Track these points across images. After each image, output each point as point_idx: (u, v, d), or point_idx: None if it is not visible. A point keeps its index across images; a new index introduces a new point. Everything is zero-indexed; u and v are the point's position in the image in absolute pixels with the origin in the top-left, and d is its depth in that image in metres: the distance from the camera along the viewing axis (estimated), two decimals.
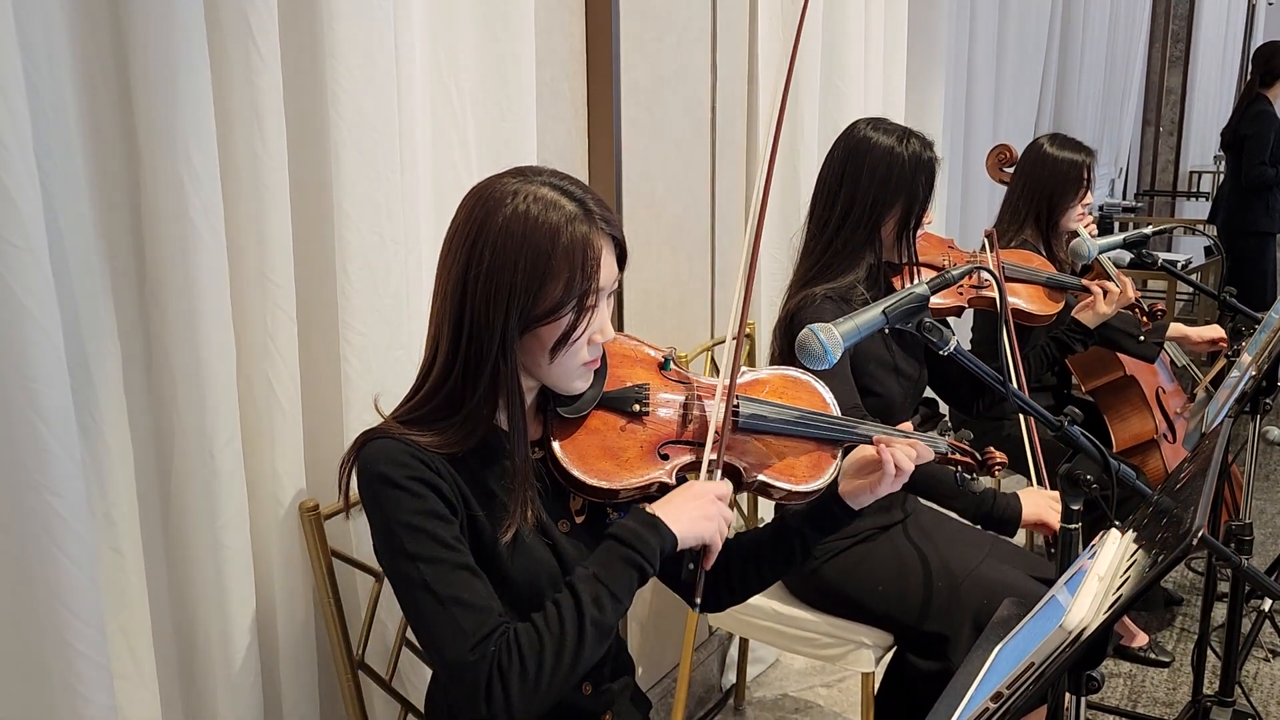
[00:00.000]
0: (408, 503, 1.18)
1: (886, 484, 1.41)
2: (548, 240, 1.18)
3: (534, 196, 1.19)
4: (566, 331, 1.21)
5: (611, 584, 1.20)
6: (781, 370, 1.50)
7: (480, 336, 1.20)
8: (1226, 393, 1.95)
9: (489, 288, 1.18)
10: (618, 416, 1.34)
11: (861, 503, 1.44)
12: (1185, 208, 8.12)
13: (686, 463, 1.35)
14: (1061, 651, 0.94)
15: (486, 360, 1.20)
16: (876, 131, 2.00)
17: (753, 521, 2.48)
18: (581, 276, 1.19)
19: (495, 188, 1.22)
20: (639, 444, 1.33)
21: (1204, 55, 8.08)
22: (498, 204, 1.19)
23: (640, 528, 1.22)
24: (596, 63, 2.08)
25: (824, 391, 1.49)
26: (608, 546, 1.23)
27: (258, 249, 1.39)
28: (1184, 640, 2.89)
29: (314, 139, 1.46)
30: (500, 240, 1.18)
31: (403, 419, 1.24)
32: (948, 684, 1.16)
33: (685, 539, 1.24)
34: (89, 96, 1.25)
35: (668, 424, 1.36)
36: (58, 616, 1.17)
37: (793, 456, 1.42)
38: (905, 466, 1.41)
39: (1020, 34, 4.48)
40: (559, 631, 1.17)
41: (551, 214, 1.19)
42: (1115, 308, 2.40)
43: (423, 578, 1.16)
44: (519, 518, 1.24)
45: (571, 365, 1.26)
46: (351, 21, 1.43)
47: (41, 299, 1.12)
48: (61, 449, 1.15)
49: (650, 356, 1.41)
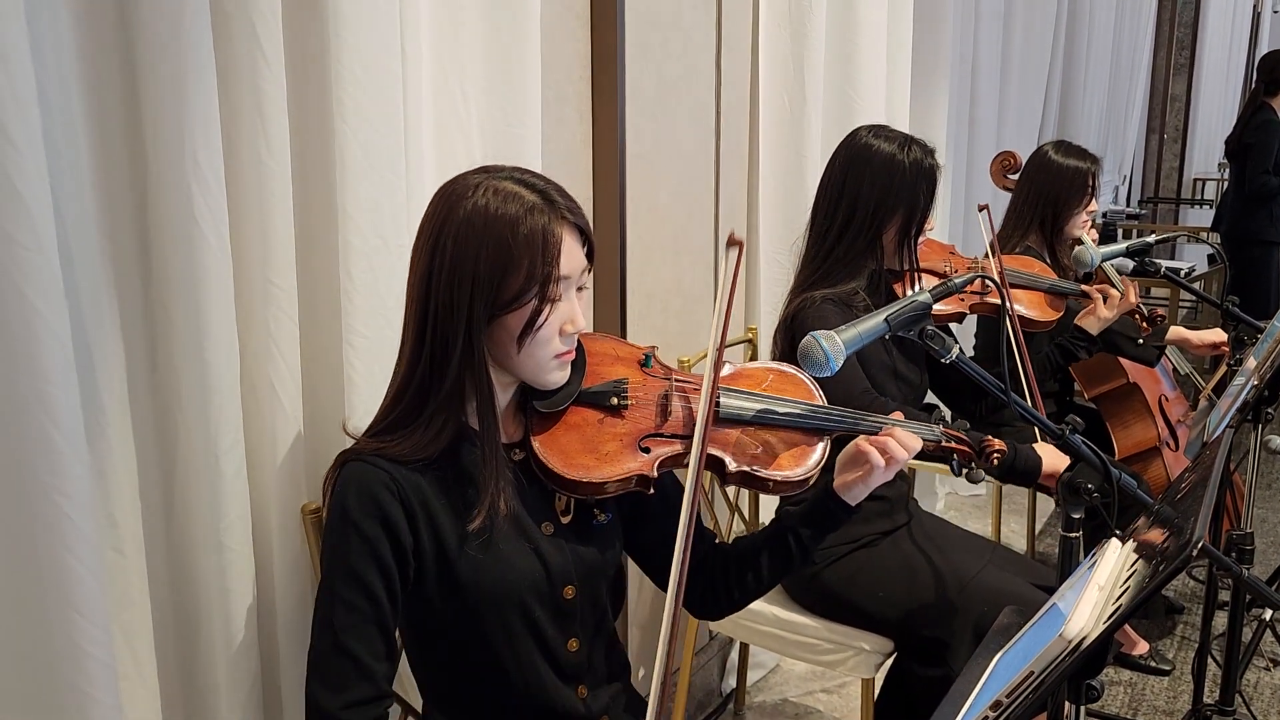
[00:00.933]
0: (356, 545, 1.22)
1: (878, 475, 1.40)
2: (508, 229, 1.20)
3: (495, 189, 1.22)
4: (531, 318, 1.23)
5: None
6: (769, 364, 1.50)
7: (445, 327, 1.22)
8: (1229, 402, 1.95)
9: (452, 278, 1.21)
10: (596, 411, 1.34)
11: (856, 496, 1.42)
12: (1189, 215, 8.11)
13: (668, 455, 1.35)
14: (1061, 660, 0.95)
15: (453, 350, 1.22)
16: (878, 139, 2.01)
17: (754, 524, 2.48)
18: (542, 263, 1.21)
19: (459, 183, 1.25)
20: (619, 438, 1.33)
21: (1209, 62, 8.08)
22: (460, 198, 1.22)
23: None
24: (601, 68, 2.09)
25: (810, 383, 1.48)
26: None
27: (261, 252, 1.40)
28: (1185, 649, 2.89)
29: (318, 143, 1.46)
30: (462, 232, 1.21)
31: (377, 430, 1.27)
32: (947, 691, 1.16)
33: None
34: (95, 99, 1.25)
35: (648, 417, 1.36)
36: (66, 618, 1.18)
37: (776, 446, 1.41)
38: (898, 455, 1.39)
39: (1025, 40, 4.48)
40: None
41: (511, 205, 1.21)
42: (1117, 312, 2.41)
43: (333, 619, 1.22)
44: (488, 506, 1.24)
45: (543, 356, 1.26)
46: (357, 26, 1.43)
47: (52, 301, 1.13)
48: (71, 451, 1.16)
49: (631, 354, 1.41)
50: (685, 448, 1.34)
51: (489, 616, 1.28)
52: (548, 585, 1.30)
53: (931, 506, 3.70)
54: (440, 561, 1.26)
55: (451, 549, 1.25)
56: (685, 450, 1.34)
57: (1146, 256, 2.55)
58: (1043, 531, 3.67)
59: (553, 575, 1.31)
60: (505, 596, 1.28)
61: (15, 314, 1.10)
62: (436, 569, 1.26)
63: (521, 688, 1.33)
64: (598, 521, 1.37)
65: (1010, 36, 4.27)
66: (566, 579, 1.32)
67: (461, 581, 1.26)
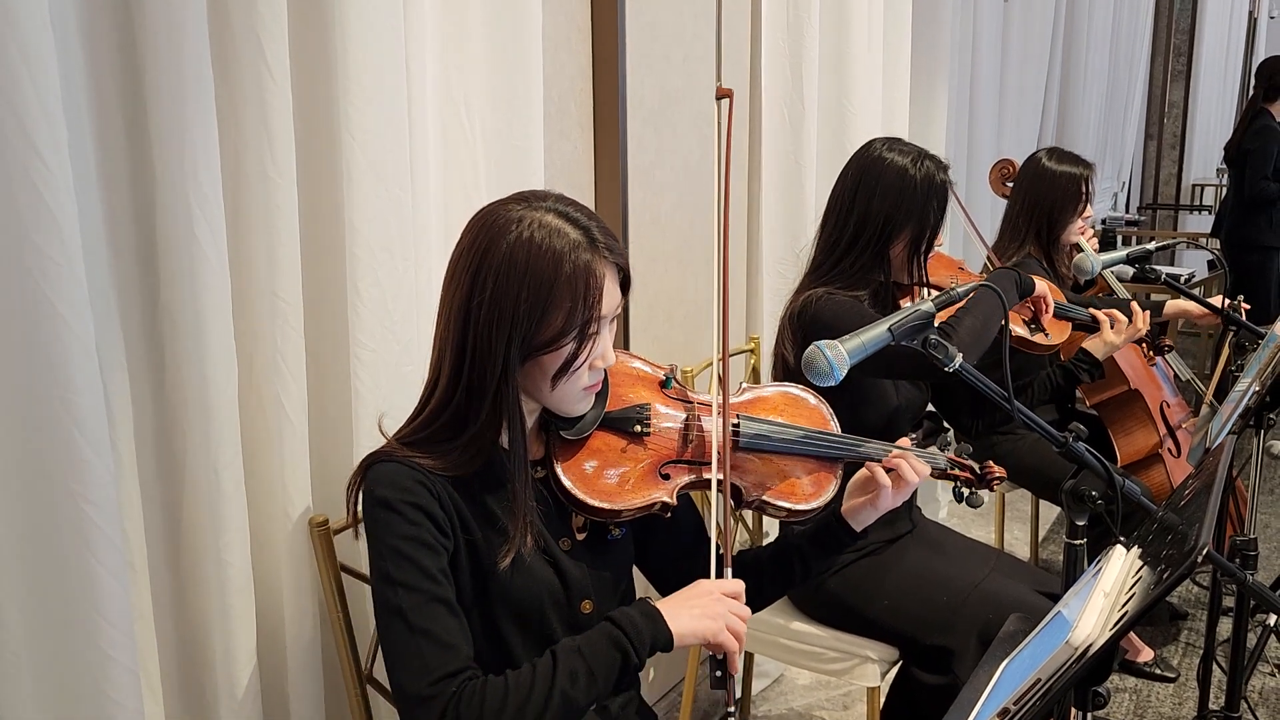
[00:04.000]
0: (400, 527, 1.19)
1: (886, 499, 1.43)
2: (551, 268, 1.19)
3: (538, 223, 1.20)
4: (568, 360, 1.22)
5: (593, 662, 1.20)
6: (782, 387, 1.51)
7: (483, 363, 1.21)
8: (1230, 408, 1.95)
9: (491, 315, 1.19)
10: (619, 438, 1.34)
11: (863, 521, 1.45)
12: (1187, 221, 8.12)
13: (688, 482, 1.37)
14: (1068, 667, 0.95)
15: (489, 386, 1.21)
16: (891, 152, 2.00)
17: (757, 537, 2.48)
18: (583, 306, 1.20)
19: (500, 214, 1.22)
20: (640, 465, 1.33)
21: (1206, 69, 8.10)
22: (501, 231, 1.20)
23: (638, 615, 1.23)
24: (603, 80, 2.10)
25: (824, 409, 1.50)
26: (601, 627, 1.23)
27: (267, 266, 1.40)
28: (1189, 655, 2.89)
29: (325, 156, 1.47)
30: (503, 268, 1.19)
31: (406, 440, 1.26)
32: (953, 698, 1.16)
33: (683, 636, 1.23)
34: (101, 114, 1.26)
35: (669, 444, 1.37)
36: (93, 624, 1.18)
37: (794, 475, 1.43)
38: (909, 478, 1.42)
39: (1023, 48, 4.49)
40: (526, 693, 1.17)
41: (555, 241, 1.19)
42: (1125, 339, 2.39)
43: (399, 604, 1.18)
44: (519, 543, 1.24)
45: (573, 391, 1.27)
46: (362, 40, 1.44)
47: (78, 311, 1.14)
48: (97, 458, 1.16)
49: (651, 375, 1.42)
50: (705, 474, 1.35)
51: (506, 626, 1.28)
52: (566, 600, 1.31)
53: (934, 514, 3.70)
54: (469, 570, 1.25)
55: (482, 559, 1.25)
56: (705, 476, 1.36)
57: (1147, 263, 2.55)
58: (1046, 539, 3.67)
59: (571, 591, 1.31)
60: (527, 611, 1.28)
61: (45, 323, 1.12)
62: (466, 575, 1.25)
63: None
64: (612, 536, 1.38)
65: (1008, 45, 4.28)
66: (584, 594, 1.33)
67: (488, 594, 1.26)
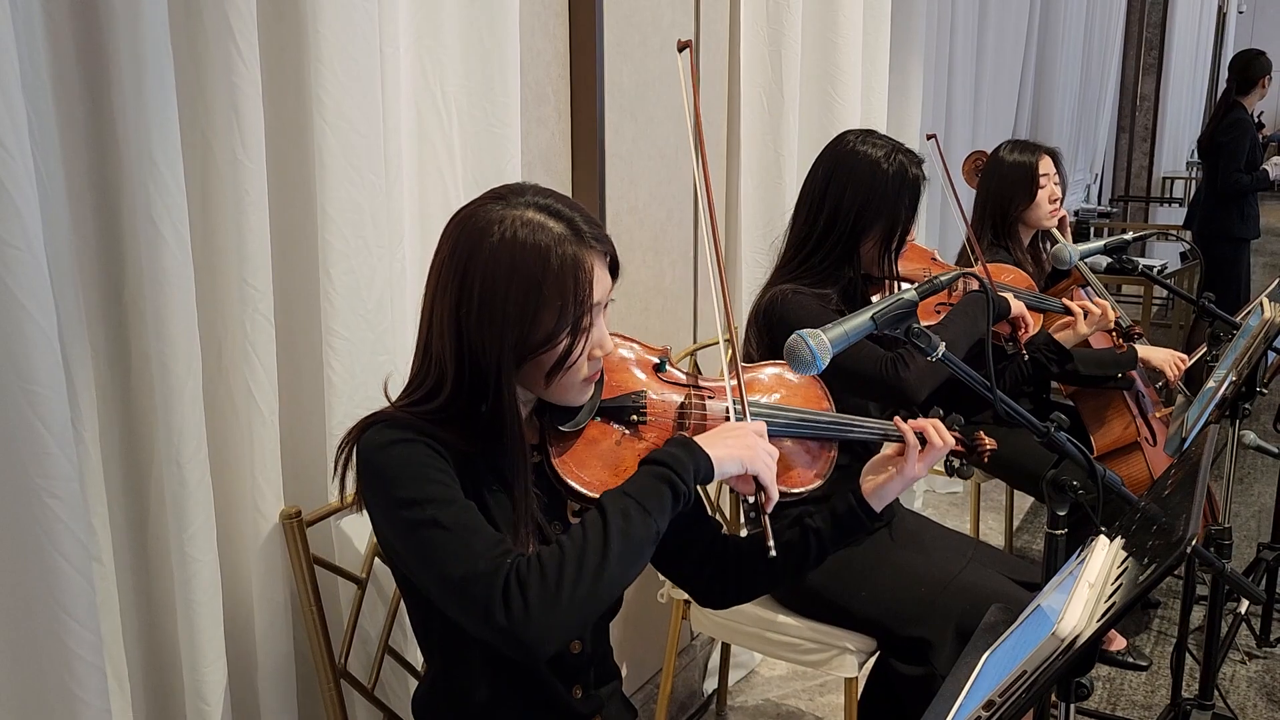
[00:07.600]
0: (419, 454, 1.16)
1: (912, 469, 1.42)
2: (537, 267, 1.16)
3: (520, 221, 1.17)
4: (564, 355, 1.20)
5: (640, 497, 1.17)
6: (778, 369, 1.49)
7: (480, 369, 1.20)
8: (1208, 398, 1.96)
9: (482, 321, 1.17)
10: (615, 427, 1.32)
11: (884, 499, 1.45)
12: (1159, 213, 8.21)
13: None
14: (1054, 659, 0.94)
15: (489, 386, 1.20)
16: (864, 145, 1.98)
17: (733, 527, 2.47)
18: (574, 301, 1.18)
19: (479, 215, 1.19)
20: (637, 454, 1.31)
21: (1176, 62, 8.17)
22: (483, 234, 1.17)
23: (675, 448, 1.22)
24: (580, 66, 2.07)
25: (820, 388, 1.49)
26: (641, 468, 1.21)
27: (237, 253, 1.37)
28: (1162, 643, 2.91)
29: (296, 141, 1.44)
30: (489, 270, 1.16)
31: (409, 408, 1.23)
32: (932, 689, 1.16)
33: (721, 461, 1.22)
34: (63, 99, 1.22)
35: (666, 430, 1.35)
36: (56, 620, 1.16)
37: (791, 458, 1.41)
38: (937, 443, 1.42)
39: (999, 40, 4.50)
40: (582, 541, 1.13)
41: (539, 237, 1.17)
42: (1094, 329, 2.41)
43: (432, 515, 1.13)
44: (522, 543, 1.21)
45: (571, 383, 1.25)
46: (335, 23, 1.41)
47: (40, 301, 1.11)
48: (61, 452, 1.14)
49: (646, 358, 1.40)
50: None
51: None
52: None
53: (910, 504, 3.71)
54: None
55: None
56: None
57: (1123, 254, 2.57)
58: (1020, 528, 3.69)
59: None
60: None
61: (6, 313, 1.08)
62: None
63: (518, 681, 1.32)
64: None
65: (984, 37, 4.29)
66: None
67: None
